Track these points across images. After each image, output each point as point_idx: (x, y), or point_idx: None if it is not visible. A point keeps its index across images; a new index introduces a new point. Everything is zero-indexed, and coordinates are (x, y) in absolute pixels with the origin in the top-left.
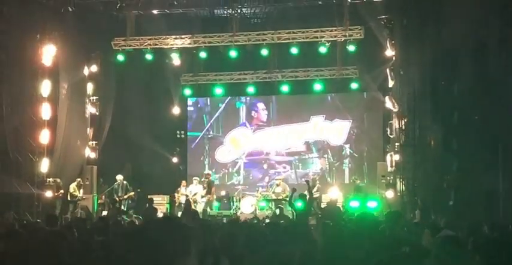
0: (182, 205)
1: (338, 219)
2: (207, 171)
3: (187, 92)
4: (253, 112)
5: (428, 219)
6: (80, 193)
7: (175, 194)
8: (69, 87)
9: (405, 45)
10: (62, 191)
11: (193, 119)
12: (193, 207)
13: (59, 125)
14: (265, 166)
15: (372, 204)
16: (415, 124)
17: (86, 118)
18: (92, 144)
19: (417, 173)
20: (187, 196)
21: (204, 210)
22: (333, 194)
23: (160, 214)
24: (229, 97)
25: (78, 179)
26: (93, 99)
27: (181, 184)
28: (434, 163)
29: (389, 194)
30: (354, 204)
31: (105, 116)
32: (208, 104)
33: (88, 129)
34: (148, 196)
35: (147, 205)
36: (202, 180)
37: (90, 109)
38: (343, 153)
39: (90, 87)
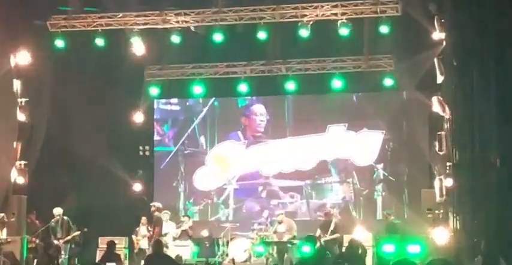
0: (147, 250)
1: None
2: (154, 202)
3: (154, 91)
4: (243, 118)
5: None
6: (2, 235)
7: (133, 236)
8: None
9: (461, 25)
10: None
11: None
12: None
13: None
14: (263, 194)
15: (414, 249)
16: (474, 136)
17: (11, 128)
18: (20, 164)
19: (477, 205)
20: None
21: (178, 257)
22: (359, 235)
23: None
24: (213, 98)
25: (1, 214)
26: (21, 102)
27: (140, 221)
28: (501, 190)
29: (439, 234)
30: (389, 248)
31: (38, 126)
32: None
33: (15, 143)
34: (102, 240)
35: (105, 251)
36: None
37: (18, 116)
38: (375, 176)
39: (17, 86)
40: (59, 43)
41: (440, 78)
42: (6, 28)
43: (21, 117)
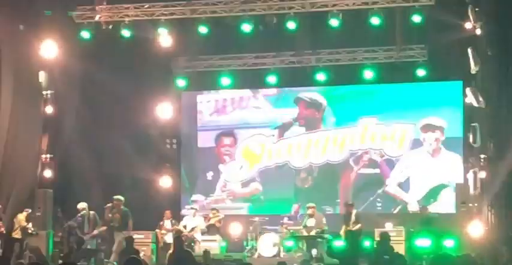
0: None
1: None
2: (118, 196)
3: (181, 83)
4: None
5: None
6: (30, 229)
7: (157, 230)
8: (14, 78)
9: (495, 14)
10: (0, 224)
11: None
12: (192, 248)
13: None
14: (292, 187)
15: (449, 243)
16: (509, 127)
17: (38, 121)
18: (47, 158)
19: None
20: (178, 232)
21: (206, 252)
22: (388, 228)
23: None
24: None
25: (28, 209)
26: (47, 95)
27: (163, 216)
28: None
29: (473, 228)
30: (424, 242)
31: (65, 119)
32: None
33: (42, 136)
34: (123, 233)
35: (124, 245)
36: (107, 206)
37: (44, 108)
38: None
39: (43, 78)
40: (85, 34)
41: (474, 69)
42: (33, 21)
43: (47, 109)
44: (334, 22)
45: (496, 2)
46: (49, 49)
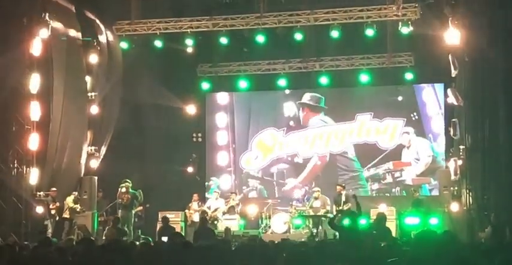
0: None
1: (392, 239)
2: (126, 180)
3: (205, 86)
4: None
5: (503, 239)
6: (78, 209)
7: (186, 211)
8: (64, 81)
9: (472, 26)
10: (57, 204)
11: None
12: (215, 226)
13: (51, 127)
14: (300, 174)
15: (434, 221)
16: (484, 122)
17: (84, 119)
18: (92, 150)
19: (487, 183)
20: (203, 212)
21: (227, 229)
22: (382, 209)
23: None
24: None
25: (75, 193)
26: (92, 96)
27: (192, 198)
28: (509, 170)
29: (454, 208)
30: (413, 220)
31: (107, 116)
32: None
33: (87, 132)
34: (161, 214)
35: (162, 225)
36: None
37: (90, 108)
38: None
39: (89, 81)
40: (124, 45)
41: (454, 73)
42: (79, 33)
43: (92, 109)
44: (335, 33)
45: (472, 16)
46: (95, 58)
